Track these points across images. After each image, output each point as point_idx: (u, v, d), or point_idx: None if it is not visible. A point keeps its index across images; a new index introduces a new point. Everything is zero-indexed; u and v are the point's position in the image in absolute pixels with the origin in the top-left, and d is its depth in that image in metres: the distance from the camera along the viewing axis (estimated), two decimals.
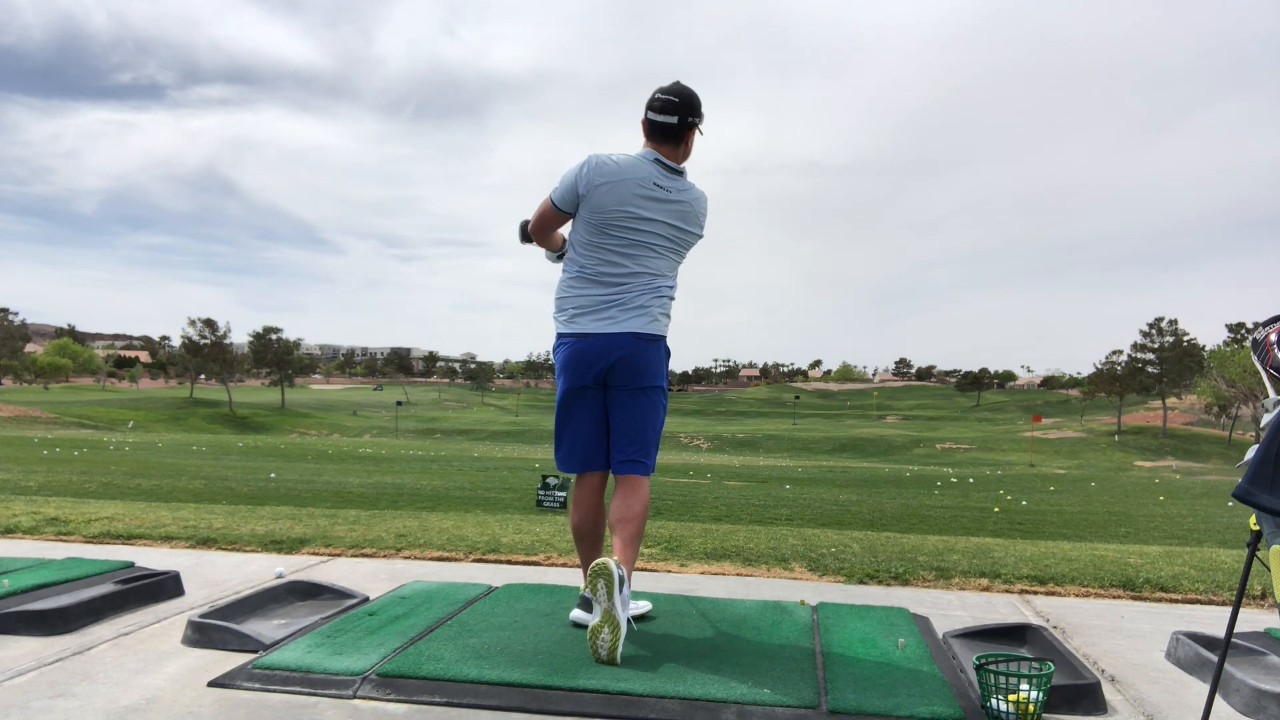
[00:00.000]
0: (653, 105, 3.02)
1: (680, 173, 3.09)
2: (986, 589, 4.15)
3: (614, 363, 3.03)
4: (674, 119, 2.99)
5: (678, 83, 3.05)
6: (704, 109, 3.07)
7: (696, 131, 3.08)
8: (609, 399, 3.11)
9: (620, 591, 2.73)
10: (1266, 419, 2.19)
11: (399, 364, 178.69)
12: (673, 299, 3.19)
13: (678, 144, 3.05)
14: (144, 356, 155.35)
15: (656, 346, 3.10)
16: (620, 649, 2.72)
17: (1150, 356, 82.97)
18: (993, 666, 2.45)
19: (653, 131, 3.04)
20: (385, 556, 4.61)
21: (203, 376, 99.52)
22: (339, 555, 4.62)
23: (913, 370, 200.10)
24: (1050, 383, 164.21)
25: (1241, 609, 2.43)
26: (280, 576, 3.91)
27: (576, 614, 3.19)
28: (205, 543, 4.83)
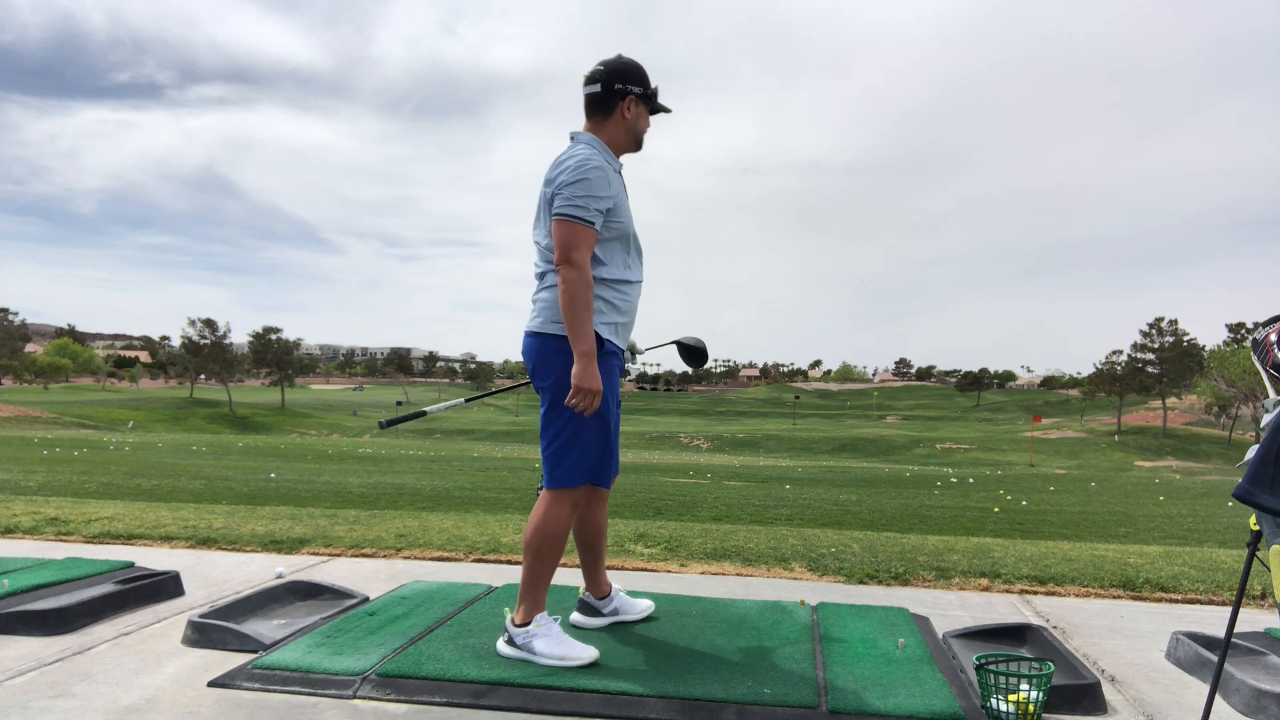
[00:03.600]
0: (585, 79, 2.87)
1: (573, 138, 2.87)
2: (986, 589, 4.15)
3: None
4: (597, 87, 2.83)
5: (616, 55, 2.89)
6: (647, 80, 2.87)
7: (633, 101, 2.84)
8: None
9: (504, 640, 2.83)
10: (1266, 419, 2.19)
11: (399, 364, 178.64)
12: (553, 286, 2.76)
13: (607, 114, 2.85)
14: (144, 356, 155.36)
15: (541, 343, 2.82)
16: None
17: (1150, 356, 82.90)
18: (993, 666, 2.45)
19: (585, 106, 2.88)
20: (385, 556, 4.61)
21: (202, 376, 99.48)
22: (339, 555, 4.62)
23: (913, 370, 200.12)
24: (1050, 383, 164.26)
25: (1241, 609, 2.43)
26: (280, 576, 3.91)
27: (575, 617, 3.22)
28: (205, 543, 4.83)
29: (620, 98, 2.84)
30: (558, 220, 2.67)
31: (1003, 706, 2.38)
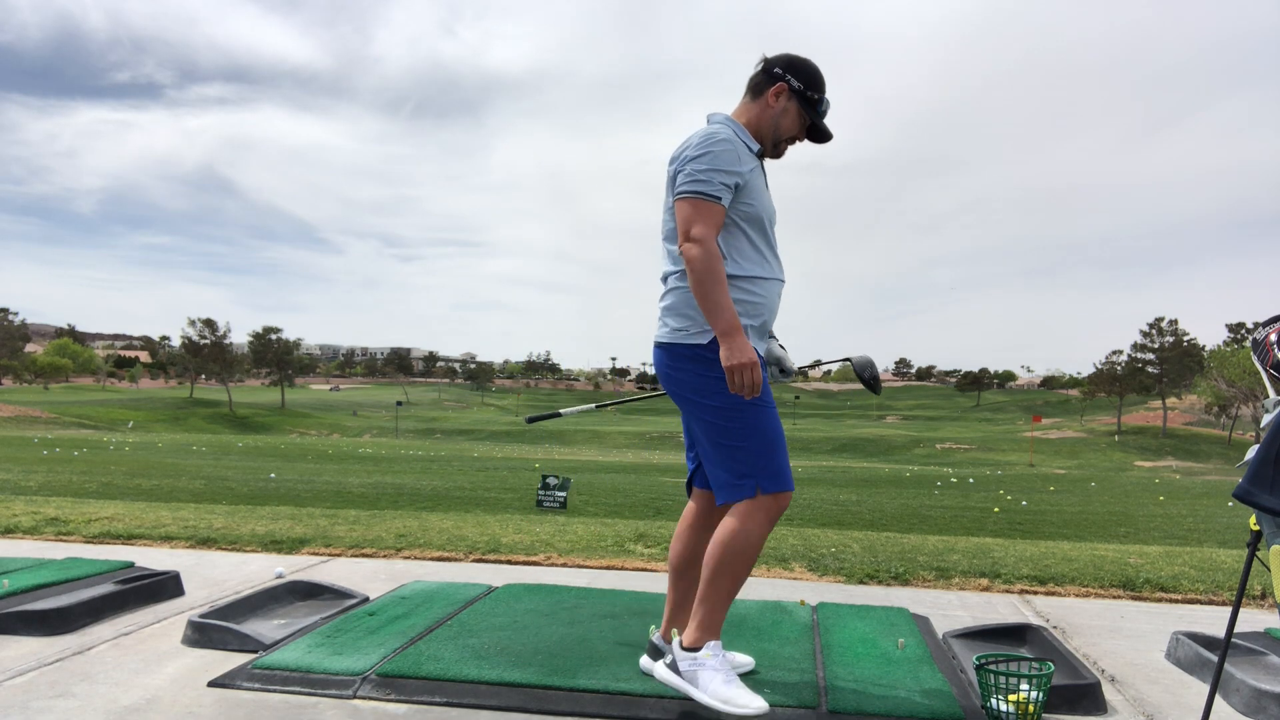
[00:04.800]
0: None
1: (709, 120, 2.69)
2: (986, 589, 4.15)
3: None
4: (760, 67, 2.66)
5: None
6: (816, 84, 2.62)
7: (784, 90, 2.60)
8: None
9: (666, 663, 2.51)
10: (1267, 419, 2.19)
11: (399, 364, 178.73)
12: (683, 285, 2.55)
13: (755, 96, 2.65)
14: (144, 356, 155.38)
15: (671, 353, 2.58)
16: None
17: (1150, 356, 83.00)
18: (993, 667, 2.45)
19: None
20: (385, 556, 4.61)
21: (202, 376, 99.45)
22: (339, 555, 4.62)
23: (913, 370, 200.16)
24: (1050, 383, 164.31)
25: (1241, 609, 2.43)
26: (280, 576, 3.91)
27: (644, 661, 2.75)
28: (205, 543, 4.83)
29: (772, 82, 2.62)
30: (679, 199, 2.47)
31: (1003, 707, 2.38)
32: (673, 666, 2.47)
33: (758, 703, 2.35)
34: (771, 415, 2.53)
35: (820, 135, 2.71)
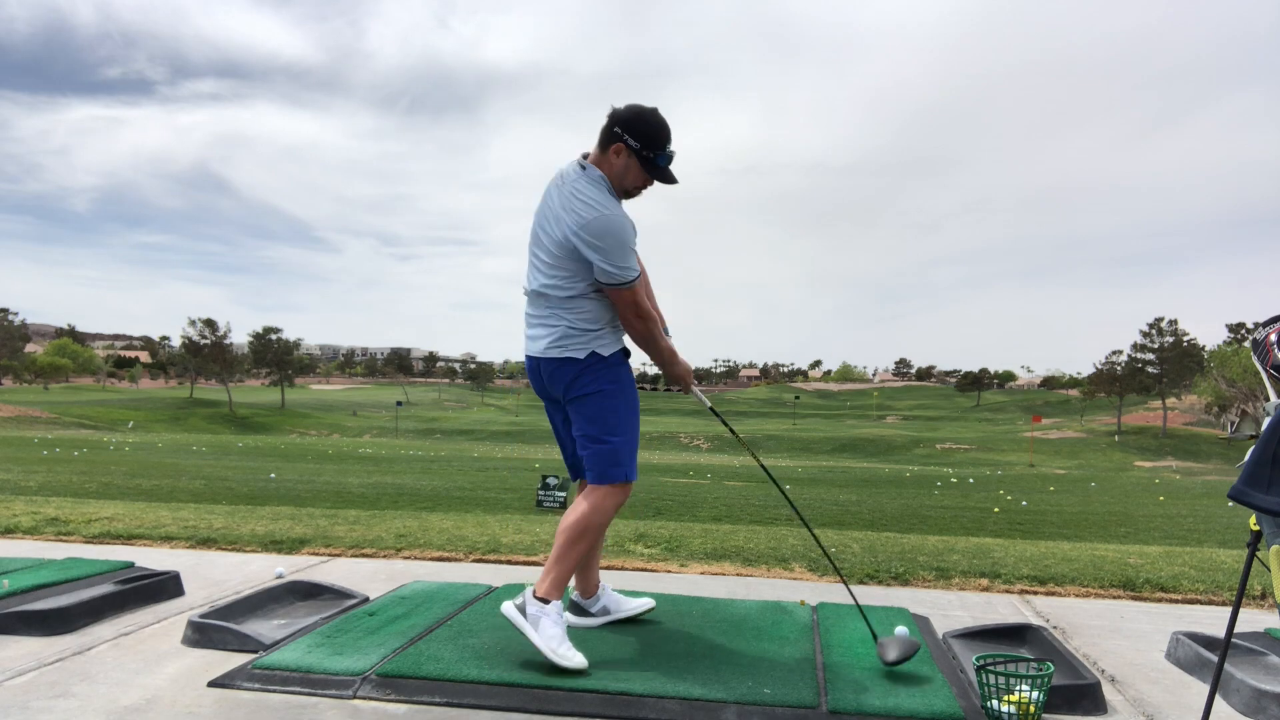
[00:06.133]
0: None
1: (584, 167, 2.85)
2: (986, 589, 4.15)
3: (543, 380, 3.01)
4: (605, 122, 2.85)
5: (652, 108, 2.88)
6: (655, 141, 2.80)
7: (623, 149, 2.81)
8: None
9: (515, 604, 2.76)
10: (1267, 422, 2.19)
11: (399, 364, 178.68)
12: (569, 320, 2.88)
13: (602, 151, 2.86)
14: (144, 356, 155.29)
15: (562, 366, 2.92)
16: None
17: (1150, 356, 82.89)
18: (993, 667, 2.45)
19: None
20: (385, 556, 4.61)
21: (202, 377, 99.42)
22: (339, 555, 4.62)
23: (913, 370, 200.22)
24: (1050, 383, 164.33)
25: (1241, 609, 2.43)
26: (280, 576, 3.91)
27: (568, 617, 3.16)
28: (205, 543, 4.83)
29: (612, 141, 2.82)
30: (617, 290, 2.81)
31: (1003, 707, 2.38)
32: (521, 609, 2.75)
33: (580, 660, 2.69)
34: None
35: (667, 181, 2.93)
